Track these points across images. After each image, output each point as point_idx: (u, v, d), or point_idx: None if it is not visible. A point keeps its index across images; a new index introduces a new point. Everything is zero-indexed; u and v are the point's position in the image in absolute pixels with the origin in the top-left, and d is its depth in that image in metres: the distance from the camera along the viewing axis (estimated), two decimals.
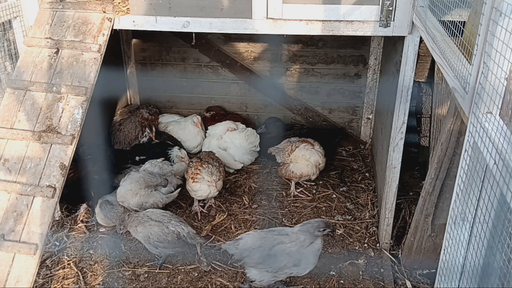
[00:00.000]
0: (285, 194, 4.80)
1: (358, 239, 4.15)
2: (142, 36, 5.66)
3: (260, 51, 5.56)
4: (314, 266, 3.34)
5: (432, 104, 4.78)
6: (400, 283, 3.71)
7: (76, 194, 4.28)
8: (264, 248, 3.32)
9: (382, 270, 3.81)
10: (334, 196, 4.78)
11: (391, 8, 3.33)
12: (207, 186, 4.30)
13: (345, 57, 5.45)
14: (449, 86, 2.36)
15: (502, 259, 1.73)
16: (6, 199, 3.01)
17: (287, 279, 3.62)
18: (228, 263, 3.88)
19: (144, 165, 4.63)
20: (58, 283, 3.73)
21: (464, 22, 2.30)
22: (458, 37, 2.31)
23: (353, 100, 5.66)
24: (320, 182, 4.98)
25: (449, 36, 2.50)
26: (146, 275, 3.80)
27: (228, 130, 5.26)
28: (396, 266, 3.85)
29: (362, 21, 3.42)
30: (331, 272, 3.79)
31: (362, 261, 3.90)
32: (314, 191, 4.86)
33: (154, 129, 5.47)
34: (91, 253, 4.03)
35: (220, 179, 4.38)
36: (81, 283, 3.72)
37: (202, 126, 5.50)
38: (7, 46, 3.81)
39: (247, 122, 5.67)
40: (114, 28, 3.62)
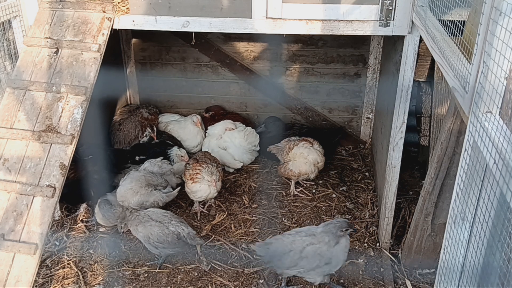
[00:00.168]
0: (285, 194, 4.80)
1: (358, 239, 4.15)
2: (141, 36, 5.66)
3: (260, 50, 5.56)
4: (344, 262, 3.39)
5: (432, 103, 4.77)
6: (400, 282, 3.71)
7: (76, 194, 4.28)
8: (295, 251, 3.33)
9: (382, 270, 3.81)
10: (334, 195, 4.78)
11: (391, 8, 3.33)
12: (207, 187, 4.29)
13: (345, 57, 5.45)
14: (449, 85, 2.36)
15: (502, 259, 1.73)
16: (6, 198, 3.01)
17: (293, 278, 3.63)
18: (228, 262, 3.89)
19: (143, 165, 4.63)
20: (58, 283, 3.73)
21: (464, 21, 2.30)
22: (458, 36, 2.31)
23: (353, 100, 5.66)
24: (320, 182, 4.98)
25: (449, 36, 2.50)
26: (146, 275, 3.80)
27: (227, 129, 5.26)
28: (396, 266, 3.85)
29: (362, 20, 3.42)
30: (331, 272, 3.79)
31: (362, 261, 3.90)
32: (314, 191, 4.86)
33: (155, 129, 5.47)
34: (91, 253, 4.04)
35: (219, 179, 4.38)
36: (81, 282, 3.72)
37: (202, 125, 5.50)
38: (6, 45, 3.81)
39: (247, 122, 5.67)
40: (114, 27, 3.61)
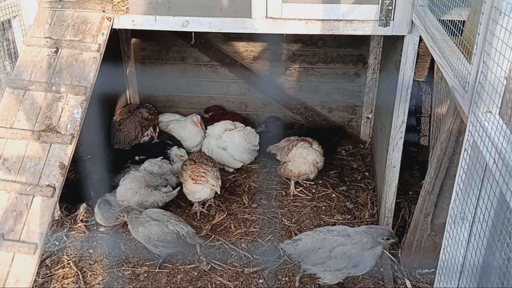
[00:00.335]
0: (284, 194, 4.80)
1: None
2: (141, 36, 5.65)
3: (259, 50, 5.56)
4: (371, 268, 3.38)
5: (431, 103, 4.77)
6: (400, 282, 3.71)
7: (76, 194, 4.28)
8: (324, 250, 3.31)
9: (381, 269, 3.81)
10: (333, 195, 4.78)
11: (390, 8, 3.33)
12: (208, 189, 4.28)
13: (345, 57, 5.45)
14: (448, 85, 2.36)
15: (501, 258, 1.73)
16: (6, 198, 3.01)
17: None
18: (228, 262, 3.89)
19: (143, 164, 4.63)
20: (58, 283, 3.73)
21: (464, 21, 2.30)
22: (458, 36, 2.31)
23: (353, 100, 5.66)
24: (319, 182, 4.98)
25: (449, 35, 2.50)
26: (145, 275, 3.80)
27: (226, 130, 5.26)
28: (395, 265, 3.85)
29: (362, 20, 3.43)
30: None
31: None
32: (314, 191, 4.86)
33: (158, 129, 5.47)
34: (90, 253, 4.03)
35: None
36: (80, 282, 3.72)
37: (202, 125, 5.50)
38: (6, 45, 3.81)
39: (246, 122, 5.67)
40: (114, 27, 3.62)
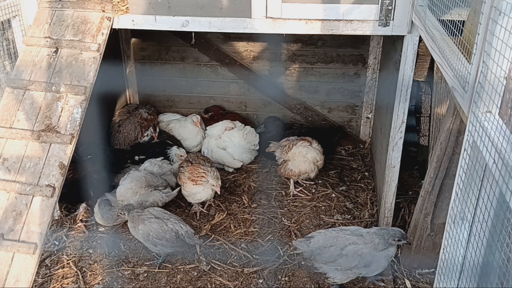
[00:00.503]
0: (284, 194, 4.80)
1: None
2: (141, 35, 5.65)
3: (259, 50, 5.56)
4: (383, 269, 3.38)
5: (431, 103, 4.78)
6: (400, 282, 3.70)
7: (76, 194, 4.28)
8: (336, 247, 3.34)
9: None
10: (333, 195, 4.78)
11: (390, 7, 3.33)
12: (209, 190, 4.27)
13: (345, 56, 5.45)
14: (448, 85, 2.36)
15: (501, 258, 1.73)
16: (6, 198, 3.01)
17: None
18: (228, 262, 3.89)
19: (143, 164, 4.63)
20: (58, 283, 3.72)
21: (464, 21, 2.30)
22: (458, 36, 2.31)
23: (353, 99, 5.65)
24: (319, 182, 4.98)
25: (449, 35, 2.50)
26: (145, 275, 3.80)
27: (226, 129, 5.26)
28: (395, 265, 3.84)
29: (362, 20, 3.43)
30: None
31: None
32: (314, 191, 4.86)
33: (158, 129, 5.47)
34: (90, 253, 4.03)
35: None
36: (80, 282, 3.71)
37: (202, 125, 5.50)
38: (6, 45, 3.81)
39: (246, 122, 5.67)
40: (113, 27, 3.61)
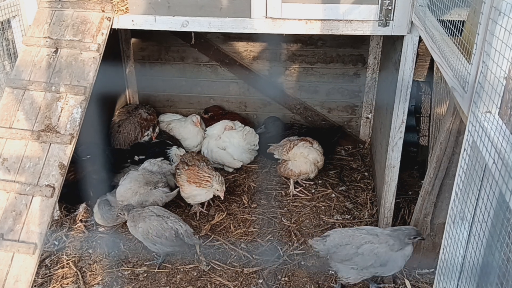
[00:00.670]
0: (284, 194, 4.80)
1: None
2: (141, 35, 5.65)
3: (259, 50, 5.56)
4: (400, 269, 3.36)
5: (431, 103, 4.78)
6: (399, 282, 3.70)
7: (75, 194, 4.28)
8: (352, 246, 3.34)
9: None
10: (333, 195, 4.78)
11: (390, 8, 3.33)
12: (211, 193, 4.26)
13: (344, 57, 5.45)
14: (448, 85, 2.36)
15: (501, 258, 1.73)
16: (5, 198, 3.01)
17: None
18: (227, 262, 3.89)
19: (143, 164, 4.63)
20: (57, 283, 3.72)
21: (463, 21, 2.30)
22: (457, 36, 2.31)
23: (352, 100, 5.66)
24: (319, 182, 4.98)
25: (448, 36, 2.50)
26: (145, 275, 3.80)
27: (226, 129, 5.25)
28: None
29: (361, 20, 3.43)
30: (330, 271, 3.78)
31: None
32: (313, 191, 4.86)
33: (158, 130, 5.46)
34: (90, 253, 4.03)
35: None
36: (80, 282, 3.71)
37: (202, 125, 5.49)
38: (6, 45, 3.81)
39: (246, 122, 5.67)
40: (113, 27, 3.61)
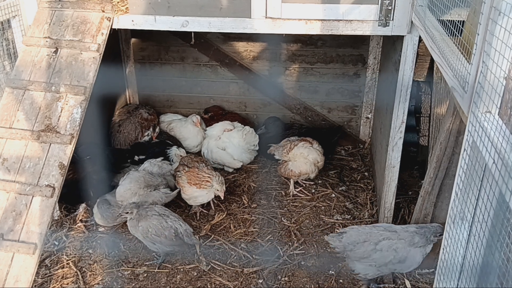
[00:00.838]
0: (284, 194, 4.80)
1: None
2: (141, 35, 5.65)
3: (259, 50, 5.56)
4: (418, 265, 3.35)
5: (431, 103, 4.78)
6: (399, 282, 3.70)
7: (75, 194, 4.28)
8: (370, 242, 3.33)
9: None
10: (333, 195, 4.78)
11: (390, 8, 3.34)
12: (212, 194, 4.26)
13: (344, 57, 5.45)
14: (448, 85, 2.36)
15: (501, 258, 1.73)
16: (5, 198, 3.01)
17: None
18: (227, 262, 3.89)
19: (143, 165, 4.63)
20: (57, 283, 3.72)
21: (463, 21, 2.30)
22: (457, 36, 2.31)
23: (352, 100, 5.66)
24: (319, 182, 4.98)
25: (448, 36, 2.50)
26: (145, 275, 3.80)
27: (225, 131, 5.25)
28: None
29: (361, 20, 3.43)
30: (330, 271, 3.79)
31: None
32: (313, 191, 4.86)
33: (158, 130, 5.46)
34: (90, 253, 4.03)
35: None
36: (80, 282, 3.71)
37: (202, 125, 5.49)
38: (5, 45, 3.81)
39: (246, 122, 5.67)
40: (113, 27, 3.61)
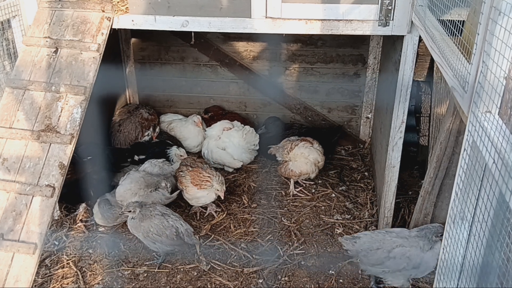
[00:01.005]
0: (284, 194, 4.80)
1: None
2: (141, 35, 5.65)
3: (259, 50, 5.56)
4: (434, 268, 3.33)
5: (431, 103, 4.78)
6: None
7: (75, 194, 4.28)
8: (383, 250, 3.32)
9: None
10: (333, 195, 4.78)
11: (390, 7, 3.33)
12: (213, 194, 4.26)
13: (344, 56, 5.45)
14: (448, 85, 2.36)
15: (501, 258, 1.73)
16: (5, 198, 3.01)
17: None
18: (227, 262, 3.89)
19: (143, 165, 4.62)
20: (58, 283, 3.72)
21: (463, 21, 2.30)
22: (457, 36, 2.31)
23: (352, 99, 5.66)
24: (319, 181, 4.98)
25: (448, 35, 2.50)
26: (145, 275, 3.80)
27: (224, 129, 5.25)
28: None
29: (361, 20, 3.42)
30: (330, 271, 3.79)
31: None
32: (314, 190, 4.86)
33: (158, 130, 5.45)
34: (90, 253, 4.03)
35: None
36: (80, 282, 3.71)
37: (203, 125, 5.49)
38: (6, 45, 3.81)
39: (246, 122, 5.67)
40: (113, 27, 3.61)
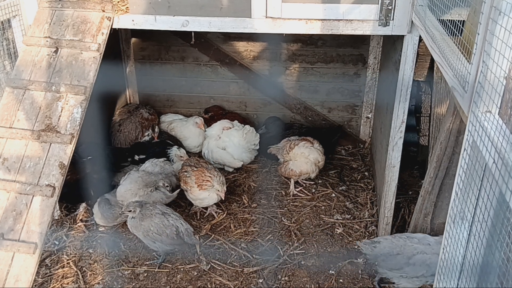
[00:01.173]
0: (284, 193, 4.80)
1: (357, 238, 4.15)
2: (141, 35, 5.65)
3: (259, 50, 5.56)
4: None
5: (431, 103, 4.78)
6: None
7: (76, 193, 4.28)
8: (403, 256, 3.29)
9: None
10: (333, 195, 4.78)
11: (390, 7, 3.33)
12: (215, 194, 4.26)
13: (345, 56, 5.45)
14: (448, 85, 2.36)
15: (501, 258, 1.73)
16: (6, 198, 3.01)
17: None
18: (228, 262, 3.89)
19: (144, 165, 4.62)
20: (58, 282, 3.73)
21: (464, 21, 2.30)
22: (458, 36, 2.31)
23: (353, 99, 5.66)
24: (319, 181, 4.98)
25: (449, 35, 2.50)
26: (145, 274, 3.80)
27: (224, 129, 5.25)
28: None
29: (362, 20, 3.42)
30: (330, 271, 3.79)
31: (361, 260, 3.90)
32: (314, 190, 4.86)
33: (158, 130, 5.45)
34: (90, 252, 4.04)
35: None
36: (80, 282, 3.72)
37: (204, 127, 5.48)
38: (6, 45, 3.80)
39: (246, 121, 5.67)
40: (113, 27, 3.61)
